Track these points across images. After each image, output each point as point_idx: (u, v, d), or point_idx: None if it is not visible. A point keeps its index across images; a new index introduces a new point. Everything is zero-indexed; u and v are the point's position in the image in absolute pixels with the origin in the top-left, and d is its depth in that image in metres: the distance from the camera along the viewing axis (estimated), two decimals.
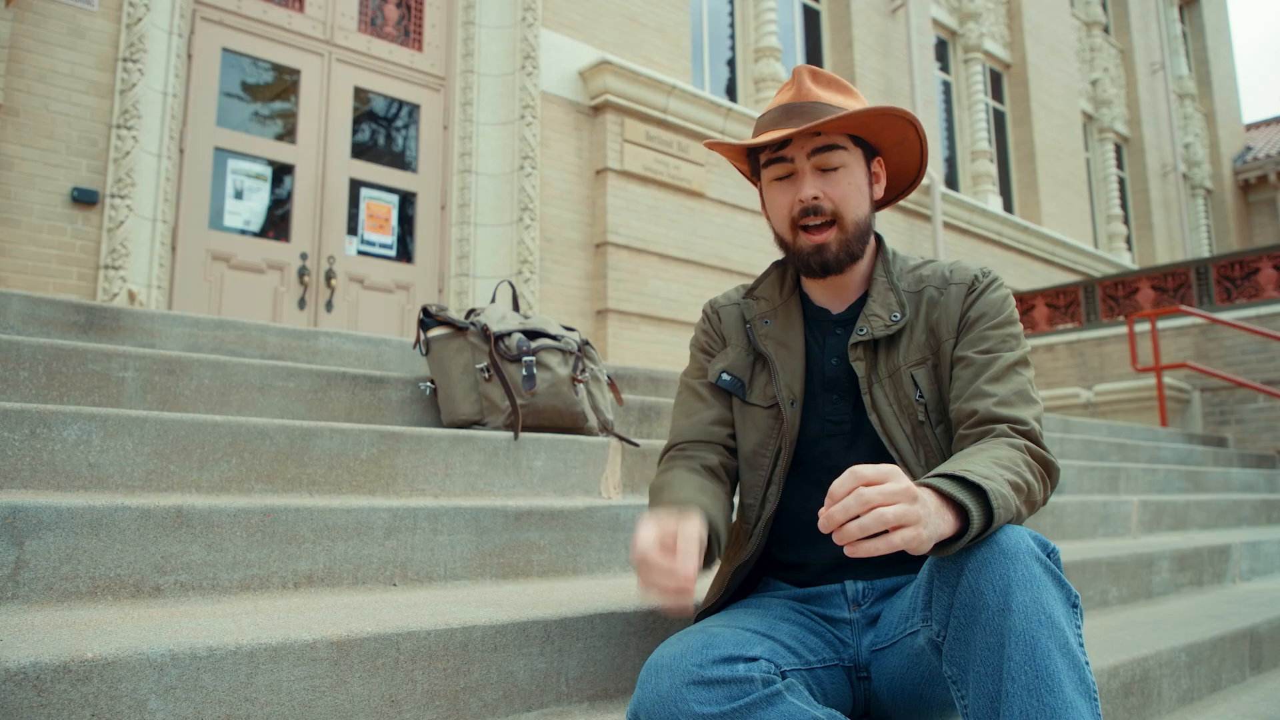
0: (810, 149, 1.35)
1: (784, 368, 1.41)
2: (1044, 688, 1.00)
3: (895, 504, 0.98)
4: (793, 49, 9.47)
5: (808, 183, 1.35)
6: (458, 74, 6.72)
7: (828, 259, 1.37)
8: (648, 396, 3.22)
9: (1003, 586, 1.03)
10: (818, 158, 1.35)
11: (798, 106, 1.36)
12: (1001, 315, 1.36)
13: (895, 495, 0.99)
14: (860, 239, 1.39)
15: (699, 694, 1.09)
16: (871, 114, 1.34)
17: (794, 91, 1.39)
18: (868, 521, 0.97)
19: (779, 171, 1.39)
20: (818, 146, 1.35)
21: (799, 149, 1.36)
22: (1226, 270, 7.83)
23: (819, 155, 1.35)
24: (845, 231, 1.37)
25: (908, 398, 1.35)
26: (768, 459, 1.41)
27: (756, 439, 1.42)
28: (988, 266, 1.43)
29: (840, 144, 1.36)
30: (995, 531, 1.08)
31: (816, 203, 1.35)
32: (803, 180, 1.36)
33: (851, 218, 1.37)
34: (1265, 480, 5.78)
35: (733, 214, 7.71)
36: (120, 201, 4.92)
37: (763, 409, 1.43)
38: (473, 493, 2.09)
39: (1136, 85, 14.54)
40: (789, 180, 1.38)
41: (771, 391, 1.42)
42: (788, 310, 1.46)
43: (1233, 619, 2.38)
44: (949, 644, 1.09)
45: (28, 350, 1.93)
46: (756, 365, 1.45)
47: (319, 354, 2.88)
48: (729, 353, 1.48)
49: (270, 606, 1.42)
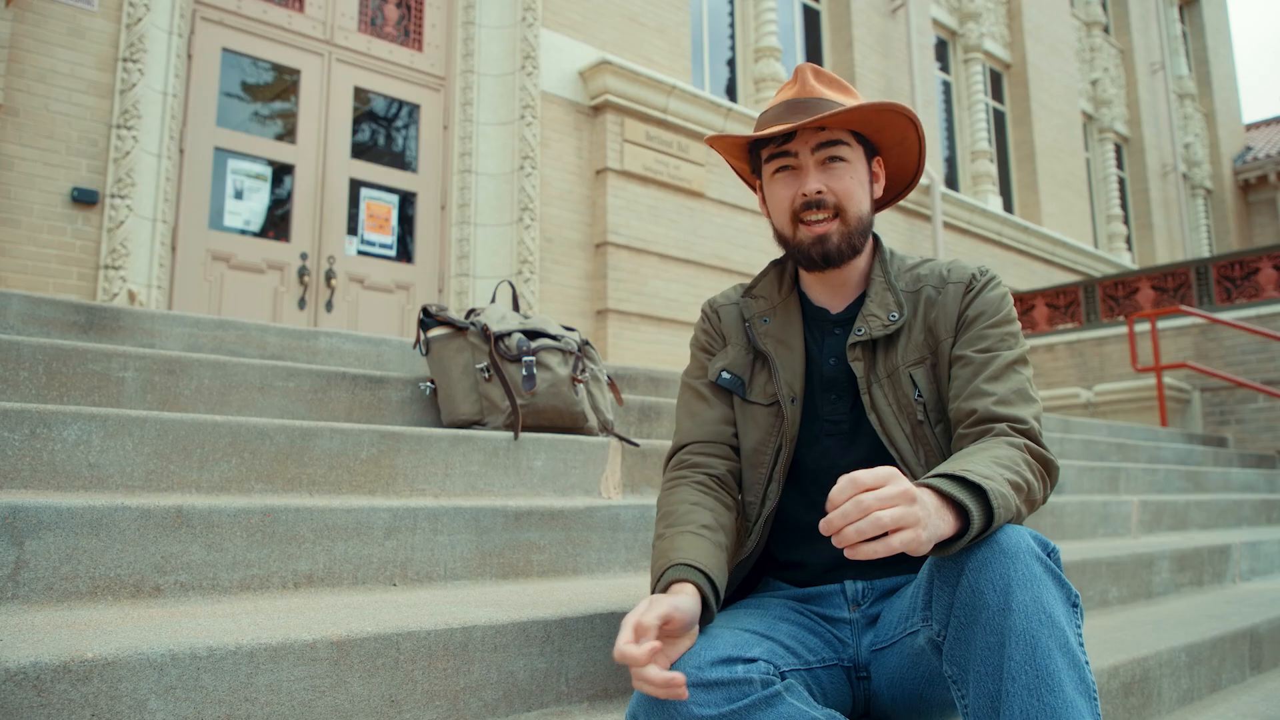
0: (814, 143, 1.36)
1: (784, 366, 1.42)
2: (1044, 687, 1.00)
3: (892, 507, 0.98)
4: (793, 49, 9.47)
5: (811, 176, 1.36)
6: (458, 74, 6.72)
7: (829, 249, 1.37)
8: (648, 396, 3.22)
9: (1003, 586, 1.04)
10: (821, 152, 1.36)
11: (801, 102, 1.37)
12: (1000, 314, 1.37)
13: (893, 499, 0.98)
14: (861, 233, 1.39)
15: (698, 695, 1.09)
16: (874, 109, 1.35)
17: (797, 88, 1.40)
18: (865, 526, 0.97)
19: (782, 165, 1.39)
20: (822, 141, 1.36)
21: (803, 143, 1.37)
22: (1226, 270, 7.83)
23: (823, 149, 1.36)
24: (847, 225, 1.37)
25: (906, 397, 1.35)
26: (768, 457, 1.41)
27: (757, 437, 1.42)
28: (985, 265, 1.43)
29: (843, 139, 1.37)
30: (995, 531, 1.08)
31: (820, 196, 1.35)
32: (806, 174, 1.37)
33: (854, 212, 1.37)
34: (1265, 480, 5.78)
35: (733, 214, 7.71)
36: (120, 201, 4.92)
37: (763, 407, 1.43)
38: (473, 493, 2.09)
39: (1136, 85, 14.54)
40: (791, 174, 1.39)
41: (772, 390, 1.42)
42: (787, 309, 1.46)
43: (1233, 619, 2.38)
44: (949, 644, 1.09)
45: (28, 350, 1.93)
46: (756, 364, 1.46)
47: (319, 354, 2.88)
48: (729, 351, 1.48)
49: (270, 606, 1.42)
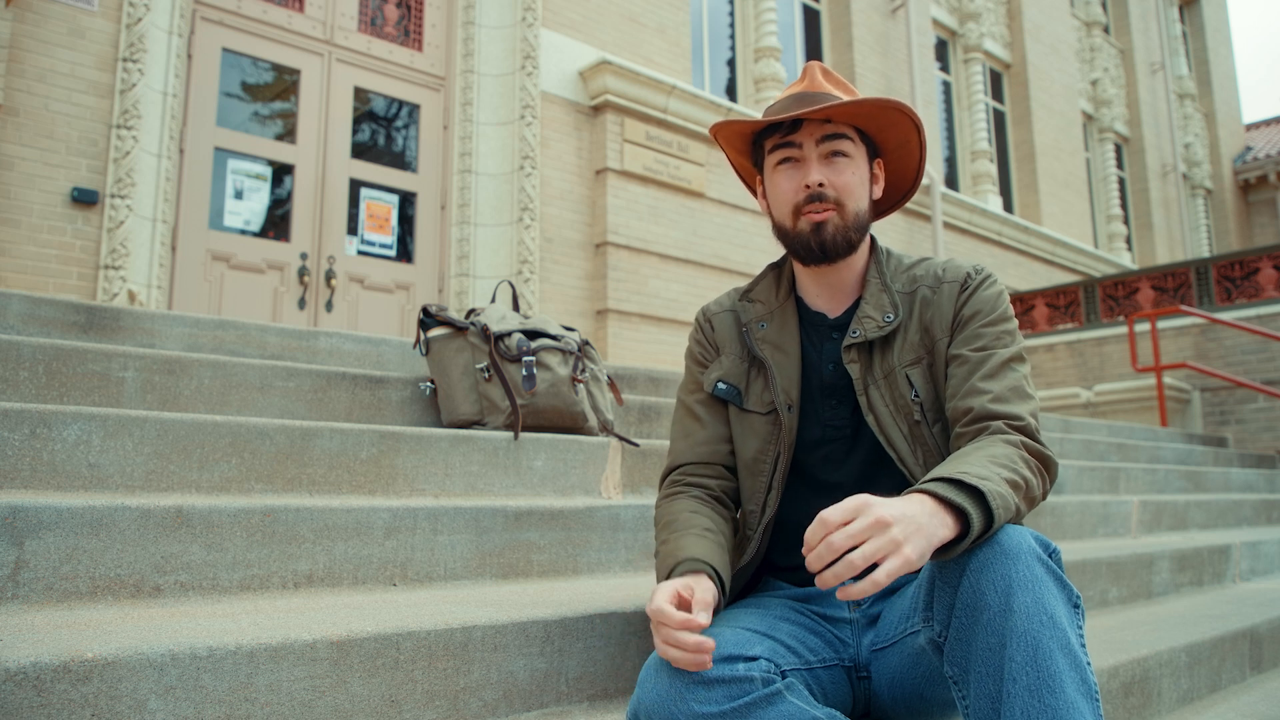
0: (819, 135, 1.37)
1: (780, 373, 1.41)
2: (1045, 688, 1.00)
3: (864, 543, 0.98)
4: (793, 49, 9.47)
5: (814, 169, 1.37)
6: (458, 74, 6.72)
7: (825, 238, 1.37)
8: (648, 396, 3.22)
9: (1004, 587, 1.04)
10: (825, 145, 1.37)
11: (809, 95, 1.38)
12: (995, 312, 1.37)
13: (862, 533, 0.98)
14: (858, 229, 1.40)
15: (699, 693, 1.09)
16: (879, 104, 1.36)
17: (806, 83, 1.42)
18: (840, 570, 0.97)
19: (785, 156, 1.39)
20: (826, 134, 1.37)
21: (808, 135, 1.37)
22: (1226, 270, 7.83)
23: (827, 142, 1.37)
24: (845, 219, 1.37)
25: (903, 398, 1.36)
26: (767, 465, 1.41)
27: (756, 446, 1.42)
28: (981, 264, 1.43)
29: (847, 134, 1.38)
30: (997, 531, 1.08)
31: (821, 189, 1.36)
32: (809, 166, 1.37)
33: (853, 208, 1.38)
34: (1265, 480, 5.78)
35: (732, 214, 7.71)
36: (120, 201, 4.92)
37: (760, 415, 1.42)
38: (473, 493, 2.09)
39: (1136, 85, 14.54)
40: (794, 166, 1.39)
41: (768, 398, 1.42)
42: (784, 314, 1.46)
43: (1233, 619, 2.38)
44: (950, 644, 1.09)
45: (28, 350, 1.93)
46: (752, 371, 1.45)
47: (319, 354, 2.88)
48: (724, 361, 1.48)
49: (270, 606, 1.42)
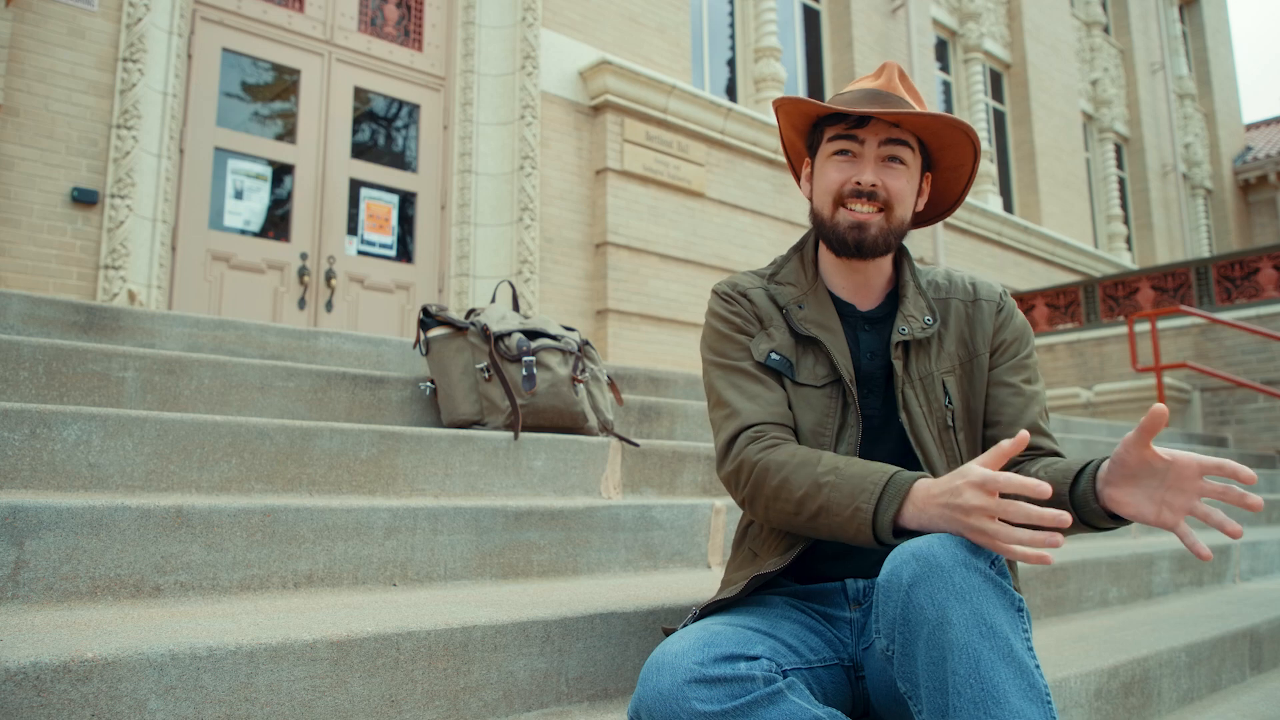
0: (883, 137, 1.37)
1: (836, 349, 1.40)
2: (990, 700, 1.01)
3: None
4: (793, 49, 9.47)
5: (871, 168, 1.37)
6: (458, 74, 6.72)
7: (864, 238, 1.37)
8: (648, 396, 3.22)
9: (940, 600, 1.04)
10: (886, 148, 1.37)
11: (883, 95, 1.38)
12: (1030, 341, 1.48)
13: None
14: (899, 234, 1.41)
15: (700, 692, 1.09)
16: (949, 123, 1.37)
17: (882, 81, 1.41)
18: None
19: (843, 148, 1.39)
20: (891, 137, 1.37)
21: (872, 133, 1.37)
22: (1226, 270, 7.83)
23: (888, 146, 1.37)
24: (889, 223, 1.38)
25: (938, 402, 1.38)
26: (828, 438, 1.37)
27: (813, 418, 1.38)
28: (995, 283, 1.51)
29: (909, 143, 1.39)
30: (934, 544, 1.08)
31: (874, 189, 1.36)
32: (866, 164, 1.37)
33: (899, 214, 1.39)
34: (1265, 480, 5.78)
35: (733, 214, 7.71)
36: (120, 201, 4.92)
37: (815, 389, 1.39)
38: (473, 493, 2.09)
39: (1136, 85, 14.54)
40: (849, 161, 1.39)
41: (820, 371, 1.40)
42: (819, 298, 1.45)
43: (1233, 619, 2.38)
44: (897, 659, 1.10)
45: (28, 350, 1.93)
46: (799, 348, 1.42)
47: (319, 354, 2.88)
48: (773, 334, 1.44)
49: (270, 606, 1.42)
